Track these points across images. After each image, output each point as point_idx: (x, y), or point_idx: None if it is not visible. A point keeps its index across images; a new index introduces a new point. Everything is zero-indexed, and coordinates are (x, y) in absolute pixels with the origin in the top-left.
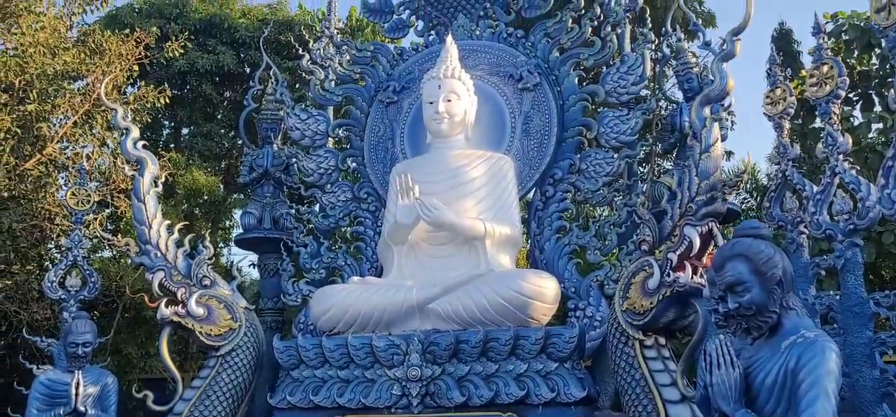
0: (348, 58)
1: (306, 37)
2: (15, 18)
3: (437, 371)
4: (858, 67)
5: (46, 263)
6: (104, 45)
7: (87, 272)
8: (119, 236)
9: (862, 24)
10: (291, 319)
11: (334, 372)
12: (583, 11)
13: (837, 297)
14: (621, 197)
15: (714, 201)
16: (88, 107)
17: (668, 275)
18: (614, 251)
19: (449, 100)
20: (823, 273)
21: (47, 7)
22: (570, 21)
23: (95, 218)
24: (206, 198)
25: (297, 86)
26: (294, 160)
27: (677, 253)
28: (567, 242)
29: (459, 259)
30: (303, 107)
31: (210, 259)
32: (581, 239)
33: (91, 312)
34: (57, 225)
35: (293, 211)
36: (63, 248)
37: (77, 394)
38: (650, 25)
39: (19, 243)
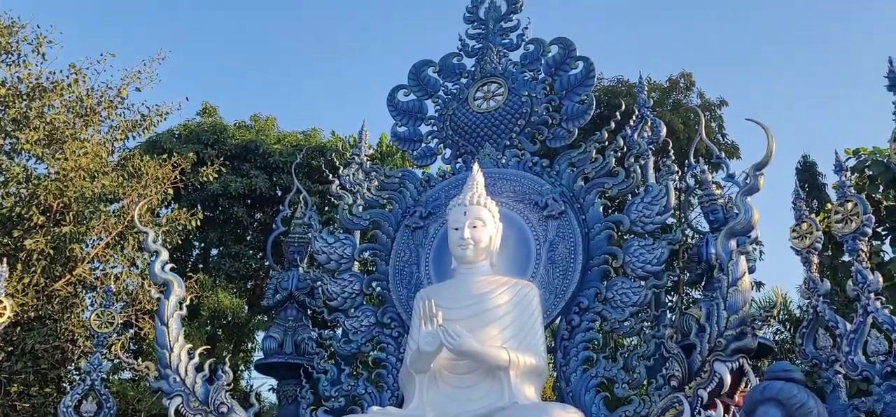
0: (377, 183)
1: (337, 162)
2: (60, 144)
3: None
4: (885, 202)
5: (65, 386)
6: (142, 168)
7: (104, 396)
8: (140, 358)
9: (885, 160)
10: None
11: None
12: (606, 142)
13: None
14: (650, 328)
15: (744, 336)
16: (122, 229)
17: (699, 413)
18: (643, 385)
19: (474, 227)
20: (863, 416)
21: (92, 134)
22: (595, 151)
23: (118, 340)
24: (229, 319)
25: (327, 209)
26: (319, 283)
27: (707, 390)
28: (594, 374)
29: (483, 389)
30: (330, 230)
31: (229, 384)
32: (609, 371)
33: None
34: (79, 346)
35: (316, 335)
36: (82, 372)
37: None
38: (673, 156)
39: (40, 364)
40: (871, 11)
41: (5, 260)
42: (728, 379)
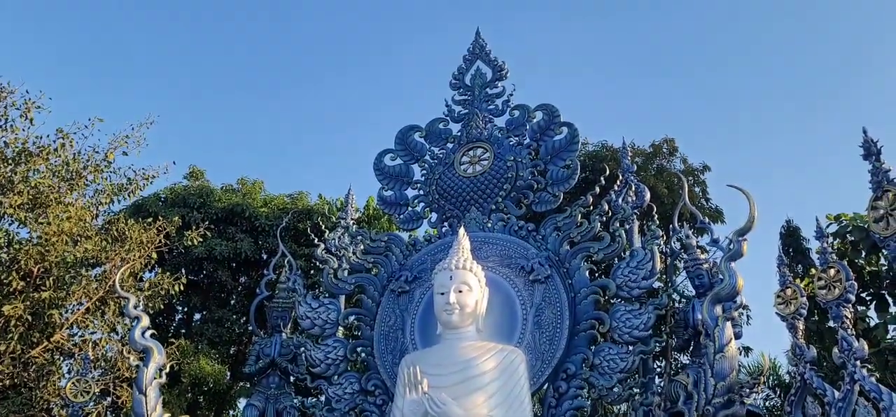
0: (362, 247)
1: (323, 226)
2: (44, 208)
3: None
4: (867, 268)
5: None
6: (127, 232)
7: None
8: None
9: (865, 226)
10: None
11: None
12: (591, 207)
13: None
14: (638, 394)
15: (732, 404)
16: (103, 294)
17: None
18: None
19: (460, 291)
20: None
21: (77, 197)
22: (580, 216)
23: (94, 409)
24: (211, 386)
25: (312, 273)
26: (302, 349)
27: None
28: None
29: None
30: (314, 294)
31: None
32: None
33: None
34: (54, 416)
35: (298, 402)
36: None
37: None
38: (658, 221)
39: None
40: (853, 78)
41: None
42: None
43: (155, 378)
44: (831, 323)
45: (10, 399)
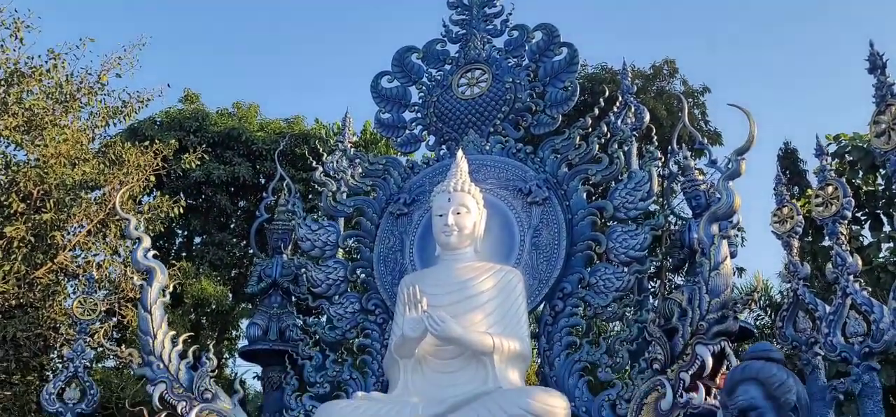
0: (360, 170)
1: (320, 150)
2: (40, 131)
3: None
4: (864, 188)
5: (48, 373)
6: (124, 156)
7: (87, 383)
8: (123, 346)
9: (864, 146)
10: None
11: None
12: (590, 129)
13: None
14: (632, 312)
15: (725, 320)
16: (103, 217)
17: (681, 396)
18: (626, 368)
19: (458, 213)
20: (842, 397)
21: (72, 120)
22: (578, 138)
23: (101, 328)
24: (213, 307)
25: (311, 197)
26: (303, 270)
27: (690, 373)
28: (577, 359)
29: (467, 374)
30: (314, 217)
31: (213, 371)
32: (592, 355)
33: None
34: (61, 334)
35: (300, 322)
36: (65, 359)
37: None
38: (657, 143)
39: (22, 353)
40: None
41: None
42: (710, 362)
43: (159, 298)
44: (825, 243)
45: (18, 317)
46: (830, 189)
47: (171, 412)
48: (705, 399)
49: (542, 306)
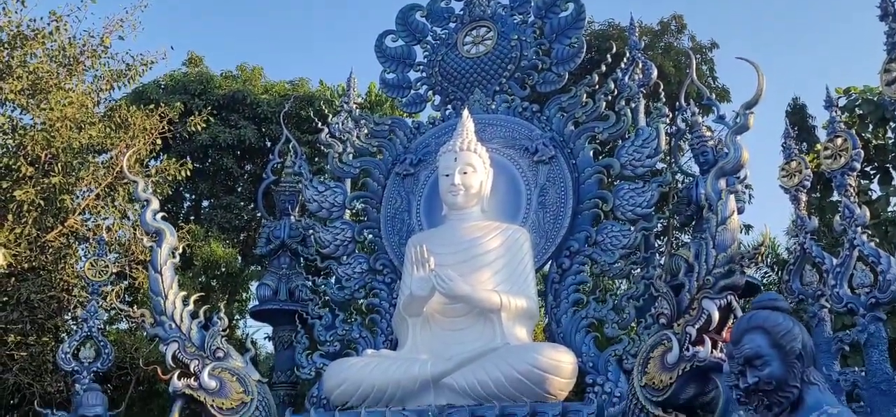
0: (366, 131)
1: (326, 111)
2: (45, 94)
3: None
4: (874, 141)
5: (62, 335)
6: (129, 119)
7: (102, 343)
8: (135, 307)
9: (875, 99)
10: (304, 393)
11: None
12: (597, 86)
13: (863, 374)
14: (639, 269)
15: (732, 274)
16: (111, 180)
17: (688, 350)
18: (632, 324)
19: (465, 173)
20: (847, 348)
21: (76, 83)
22: (585, 96)
23: (113, 290)
24: (223, 269)
25: (317, 159)
26: (311, 232)
27: (696, 327)
28: (584, 315)
29: (475, 332)
30: (321, 179)
31: (224, 331)
32: (598, 312)
33: (105, 385)
34: (74, 296)
35: (309, 282)
36: (79, 319)
37: None
38: (664, 100)
39: (37, 314)
40: None
41: None
42: (716, 316)
43: (168, 259)
44: (834, 197)
45: (30, 280)
46: (839, 141)
47: (184, 370)
48: (711, 352)
49: (548, 264)
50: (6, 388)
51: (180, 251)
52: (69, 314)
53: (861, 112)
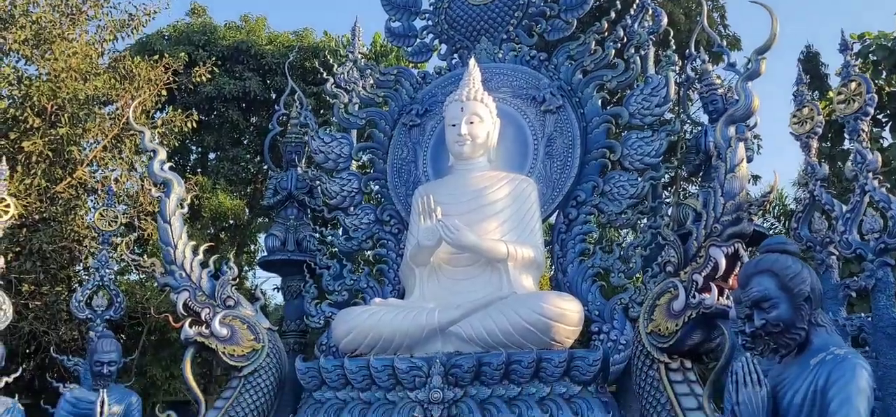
0: (372, 81)
1: (331, 61)
2: (49, 45)
3: (459, 393)
4: (887, 88)
5: (75, 284)
6: (134, 70)
7: (114, 292)
8: (145, 257)
9: (889, 45)
10: (314, 341)
11: (356, 394)
12: (606, 34)
13: (869, 319)
14: (646, 219)
15: (740, 221)
16: (117, 132)
17: (694, 297)
18: (639, 274)
19: (471, 123)
20: (854, 294)
21: (80, 34)
22: (593, 43)
23: (122, 241)
24: (231, 221)
25: (322, 111)
26: (318, 183)
27: (703, 274)
28: (590, 265)
29: (482, 281)
30: (327, 130)
31: (234, 280)
32: (605, 261)
33: (117, 334)
34: (85, 246)
35: (317, 233)
36: (90, 269)
37: (102, 412)
38: (674, 47)
39: (49, 264)
40: None
41: (4, 159)
42: (723, 264)
43: (177, 209)
44: (845, 146)
45: (42, 231)
46: (853, 85)
47: (195, 318)
48: (718, 299)
49: (555, 214)
50: (22, 336)
51: (188, 202)
52: (81, 264)
53: (875, 58)
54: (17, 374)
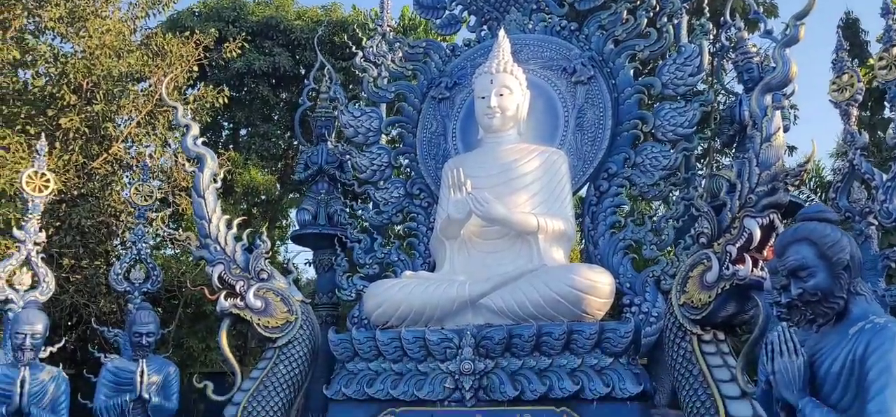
0: (401, 55)
1: (360, 35)
2: (83, 22)
3: (490, 365)
4: None
5: (113, 258)
6: (165, 47)
7: (151, 265)
8: (180, 231)
9: None
10: (346, 313)
11: (388, 365)
12: (638, 3)
13: None
14: (678, 191)
15: (776, 192)
16: (151, 108)
17: (727, 268)
18: (671, 246)
19: (501, 95)
20: (893, 265)
21: (112, 11)
22: (625, 12)
23: (158, 215)
24: (263, 197)
25: (351, 86)
26: (348, 157)
27: (737, 245)
28: (622, 237)
29: (512, 253)
30: (356, 104)
31: (267, 253)
32: (636, 234)
33: (154, 307)
34: (122, 221)
35: (347, 207)
36: (128, 243)
37: (141, 382)
38: (708, 15)
39: (88, 239)
40: None
41: (43, 136)
42: (758, 235)
43: (210, 183)
44: (885, 115)
45: (80, 206)
46: (895, 51)
47: (230, 290)
48: (752, 270)
49: (586, 187)
50: (64, 309)
51: (221, 177)
52: (118, 238)
53: None
54: (61, 344)
